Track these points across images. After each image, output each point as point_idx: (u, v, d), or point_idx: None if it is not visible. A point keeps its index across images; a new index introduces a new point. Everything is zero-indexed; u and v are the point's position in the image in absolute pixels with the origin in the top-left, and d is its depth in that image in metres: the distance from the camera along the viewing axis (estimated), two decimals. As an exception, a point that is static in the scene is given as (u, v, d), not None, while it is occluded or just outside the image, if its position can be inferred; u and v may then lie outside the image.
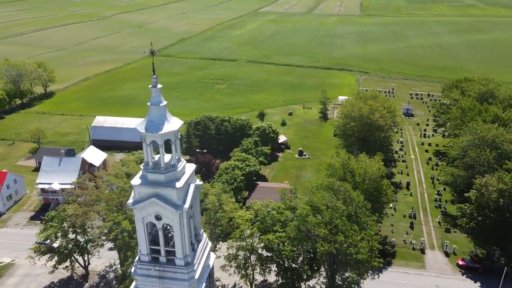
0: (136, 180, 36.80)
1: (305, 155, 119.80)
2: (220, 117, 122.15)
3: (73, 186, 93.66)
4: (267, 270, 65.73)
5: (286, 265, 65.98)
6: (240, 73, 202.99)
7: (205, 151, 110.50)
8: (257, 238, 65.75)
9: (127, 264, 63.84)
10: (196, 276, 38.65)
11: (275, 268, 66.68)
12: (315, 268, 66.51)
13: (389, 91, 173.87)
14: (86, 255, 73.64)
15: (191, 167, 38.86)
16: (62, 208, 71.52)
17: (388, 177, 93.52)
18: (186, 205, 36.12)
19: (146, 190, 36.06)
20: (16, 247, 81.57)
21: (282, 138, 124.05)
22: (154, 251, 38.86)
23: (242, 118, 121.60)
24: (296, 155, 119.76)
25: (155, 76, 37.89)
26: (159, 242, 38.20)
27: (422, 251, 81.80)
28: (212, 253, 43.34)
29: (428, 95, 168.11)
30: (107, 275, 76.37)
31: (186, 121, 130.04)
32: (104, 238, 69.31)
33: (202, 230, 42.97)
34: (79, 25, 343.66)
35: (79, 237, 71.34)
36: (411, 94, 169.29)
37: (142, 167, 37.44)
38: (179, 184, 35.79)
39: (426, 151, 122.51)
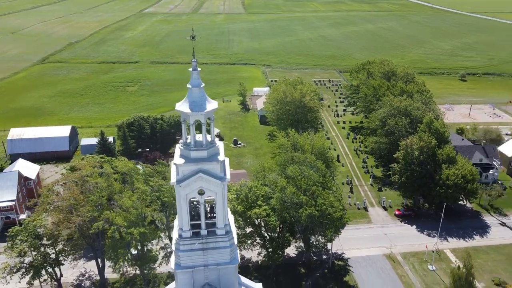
0: (179, 160, 37.81)
1: (240, 144, 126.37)
2: (152, 116, 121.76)
3: (13, 203, 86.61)
4: (254, 244, 71.08)
5: (268, 236, 72.23)
6: (148, 74, 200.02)
7: (147, 150, 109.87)
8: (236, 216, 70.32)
9: (120, 261, 63.30)
10: (236, 242, 42.58)
11: (259, 241, 72.45)
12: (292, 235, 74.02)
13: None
14: (58, 267, 70.07)
15: (221, 144, 42.40)
16: (27, 221, 67.01)
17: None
18: (228, 176, 39.57)
19: (190, 167, 37.22)
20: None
21: (216, 130, 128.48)
22: (193, 226, 41.43)
23: (176, 115, 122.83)
24: (232, 145, 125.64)
25: (195, 60, 39.97)
26: (198, 217, 40.91)
27: (366, 209, 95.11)
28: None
29: (329, 81, 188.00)
30: (82, 284, 73.49)
31: (116, 124, 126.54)
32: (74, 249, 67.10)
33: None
34: None
35: (48, 250, 67.82)
36: (315, 81, 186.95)
37: (180, 148, 39.05)
38: (221, 158, 38.55)
39: (343, 128, 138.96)
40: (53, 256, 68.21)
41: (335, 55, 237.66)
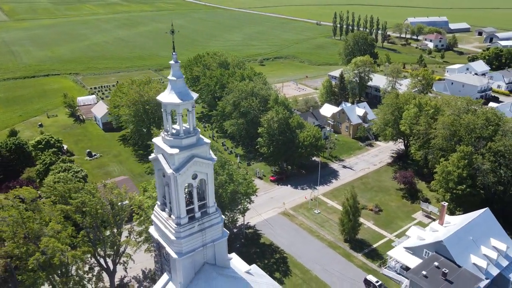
0: (173, 150, 38.60)
1: (95, 155, 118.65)
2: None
3: None
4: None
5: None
6: None
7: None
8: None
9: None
10: (223, 216, 46.76)
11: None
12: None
13: (114, 85, 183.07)
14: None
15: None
16: None
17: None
18: (214, 156, 43.68)
19: (184, 154, 39.03)
20: None
21: (64, 146, 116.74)
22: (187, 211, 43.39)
23: (13, 138, 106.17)
24: (87, 158, 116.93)
25: (175, 53, 42.22)
26: (191, 201, 43.43)
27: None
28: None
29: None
30: None
31: None
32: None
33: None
34: None
35: None
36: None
37: (167, 138, 39.48)
38: (207, 140, 42.65)
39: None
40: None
41: (142, 56, 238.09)
